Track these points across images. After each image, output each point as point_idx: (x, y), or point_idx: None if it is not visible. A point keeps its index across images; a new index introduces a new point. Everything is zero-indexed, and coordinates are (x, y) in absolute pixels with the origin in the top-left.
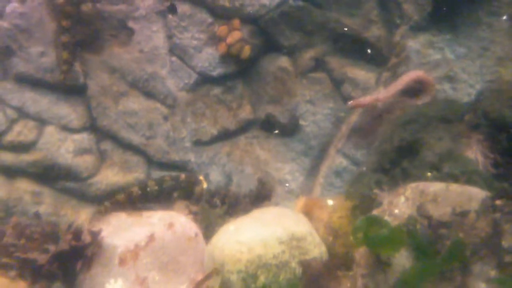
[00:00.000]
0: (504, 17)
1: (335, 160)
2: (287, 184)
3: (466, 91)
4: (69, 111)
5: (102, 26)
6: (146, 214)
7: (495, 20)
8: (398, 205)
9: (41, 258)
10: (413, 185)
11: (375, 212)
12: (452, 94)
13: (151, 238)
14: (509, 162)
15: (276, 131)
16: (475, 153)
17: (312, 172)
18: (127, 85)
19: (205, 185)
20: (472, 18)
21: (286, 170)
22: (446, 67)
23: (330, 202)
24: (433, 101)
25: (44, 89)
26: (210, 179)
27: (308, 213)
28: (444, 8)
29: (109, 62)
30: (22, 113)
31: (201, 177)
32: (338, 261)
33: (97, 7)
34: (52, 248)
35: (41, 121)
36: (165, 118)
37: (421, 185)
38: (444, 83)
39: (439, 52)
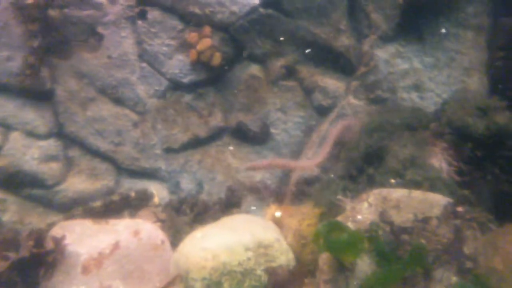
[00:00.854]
0: (443, 30)
1: None
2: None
3: (433, 100)
4: (35, 117)
5: (70, 31)
6: (112, 221)
7: (461, 31)
8: (361, 211)
9: (1, 266)
10: (376, 191)
11: (339, 218)
12: (419, 103)
13: (116, 246)
14: (473, 170)
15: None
16: (440, 161)
17: (283, 180)
18: (95, 91)
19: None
20: (439, 29)
21: (258, 178)
22: (414, 76)
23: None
24: (400, 109)
25: (10, 94)
26: (181, 187)
27: (278, 220)
28: (412, 19)
29: (78, 67)
30: None
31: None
32: (306, 268)
33: (64, 12)
34: (12, 255)
35: (7, 127)
36: (135, 124)
37: (384, 191)
38: (411, 92)
39: (407, 62)
